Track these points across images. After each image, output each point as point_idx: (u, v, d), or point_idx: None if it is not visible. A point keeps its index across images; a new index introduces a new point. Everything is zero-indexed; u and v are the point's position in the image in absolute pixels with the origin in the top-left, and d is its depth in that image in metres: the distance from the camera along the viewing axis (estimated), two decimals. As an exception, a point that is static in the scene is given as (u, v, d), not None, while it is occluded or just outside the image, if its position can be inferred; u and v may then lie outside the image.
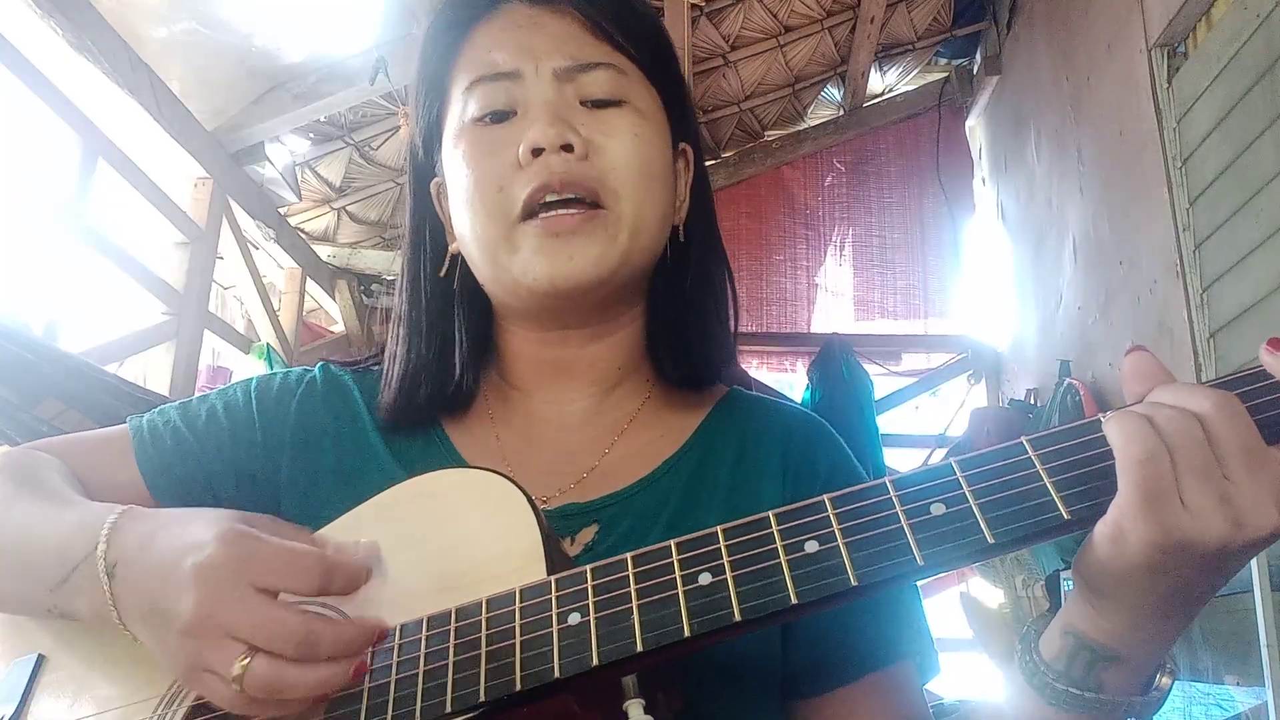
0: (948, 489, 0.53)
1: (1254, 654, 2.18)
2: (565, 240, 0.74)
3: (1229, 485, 0.50)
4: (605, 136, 0.76)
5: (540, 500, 0.75)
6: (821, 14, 4.80)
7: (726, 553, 0.55)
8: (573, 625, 0.55)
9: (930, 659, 0.76)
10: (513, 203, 0.74)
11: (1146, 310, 3.18)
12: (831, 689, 0.72)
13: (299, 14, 3.23)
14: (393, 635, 0.60)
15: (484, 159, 0.76)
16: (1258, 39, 2.57)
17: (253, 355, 3.72)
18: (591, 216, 0.74)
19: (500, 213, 0.75)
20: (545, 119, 0.75)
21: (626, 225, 0.76)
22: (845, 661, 0.72)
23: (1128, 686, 0.56)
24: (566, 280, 0.74)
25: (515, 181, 0.74)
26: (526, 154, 0.74)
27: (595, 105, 0.78)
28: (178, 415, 0.83)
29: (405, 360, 0.82)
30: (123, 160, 2.96)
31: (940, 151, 5.24)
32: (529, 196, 0.74)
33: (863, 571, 0.52)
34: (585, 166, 0.75)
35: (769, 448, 0.80)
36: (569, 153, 0.74)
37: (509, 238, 0.75)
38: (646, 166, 0.78)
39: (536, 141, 0.74)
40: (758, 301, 5.17)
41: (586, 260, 0.74)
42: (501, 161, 0.75)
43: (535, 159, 0.74)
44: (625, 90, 0.79)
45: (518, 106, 0.77)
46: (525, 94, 0.77)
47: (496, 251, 0.76)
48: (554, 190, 0.74)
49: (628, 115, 0.78)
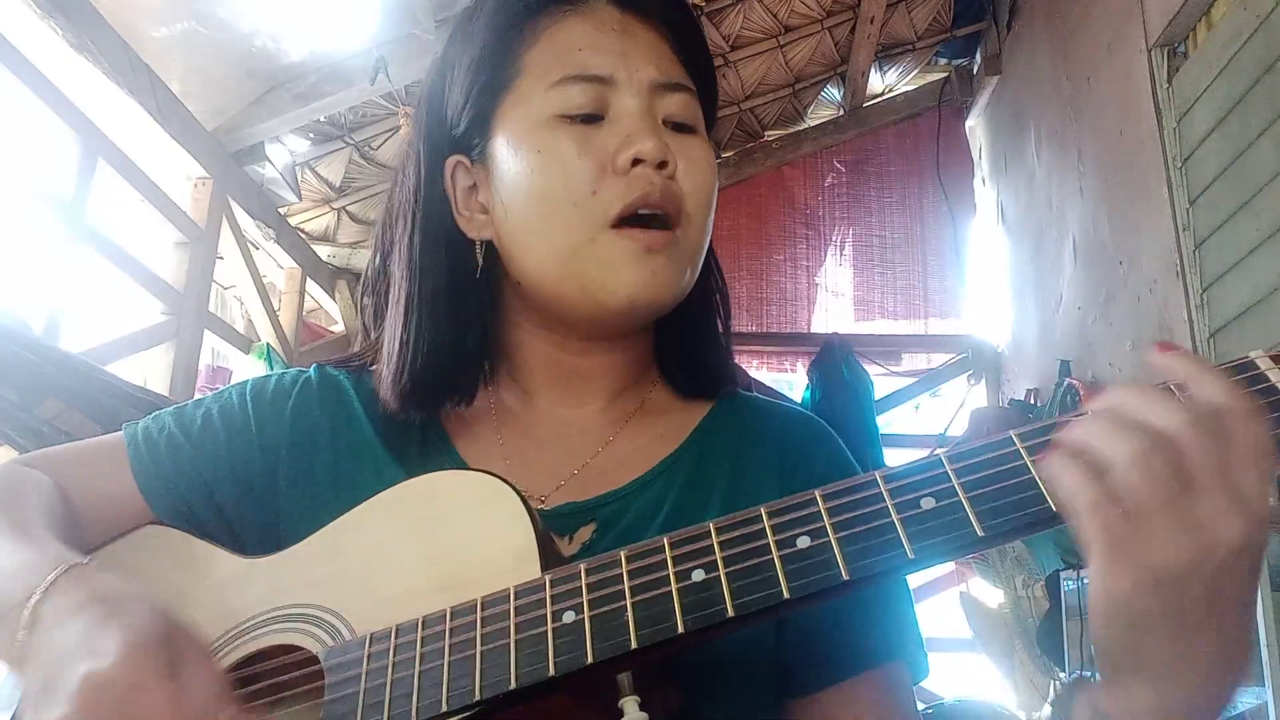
0: (937, 482, 0.53)
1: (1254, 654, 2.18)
2: (654, 257, 0.74)
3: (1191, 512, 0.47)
4: (688, 161, 0.77)
5: (538, 498, 0.76)
6: (821, 14, 4.80)
7: (719, 549, 0.55)
8: (567, 623, 0.55)
9: (920, 661, 0.76)
10: (606, 207, 0.73)
11: (1146, 310, 3.18)
12: (823, 686, 0.72)
13: (299, 14, 3.23)
14: (389, 635, 0.60)
15: (572, 158, 0.74)
16: (1258, 39, 2.57)
17: (253, 355, 3.73)
18: (673, 239, 0.75)
19: (589, 215, 0.73)
20: (648, 130, 0.74)
21: (691, 251, 0.77)
22: (837, 659, 0.72)
23: None
24: (648, 297, 0.74)
25: (611, 186, 0.73)
26: (626, 162, 0.73)
27: (675, 128, 0.78)
28: (173, 422, 0.82)
29: (410, 348, 0.78)
30: (123, 160, 2.96)
31: (940, 151, 5.24)
32: (628, 205, 0.73)
33: (854, 566, 0.52)
34: (674, 186, 0.75)
35: (767, 448, 0.80)
36: (663, 169, 0.74)
37: (594, 241, 0.73)
38: (713, 199, 0.79)
39: (643, 153, 0.73)
40: (758, 301, 5.17)
41: (666, 280, 0.75)
42: (592, 164, 0.74)
43: (633, 169, 0.73)
44: (697, 118, 0.80)
45: (606, 111, 0.76)
46: (618, 100, 0.76)
47: (574, 254, 0.74)
48: (652, 204, 0.73)
49: (701, 144, 0.79)
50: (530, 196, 0.75)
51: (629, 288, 0.73)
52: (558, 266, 0.75)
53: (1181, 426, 0.49)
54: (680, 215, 0.76)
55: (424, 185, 0.82)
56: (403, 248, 0.81)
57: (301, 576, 0.69)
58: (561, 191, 0.74)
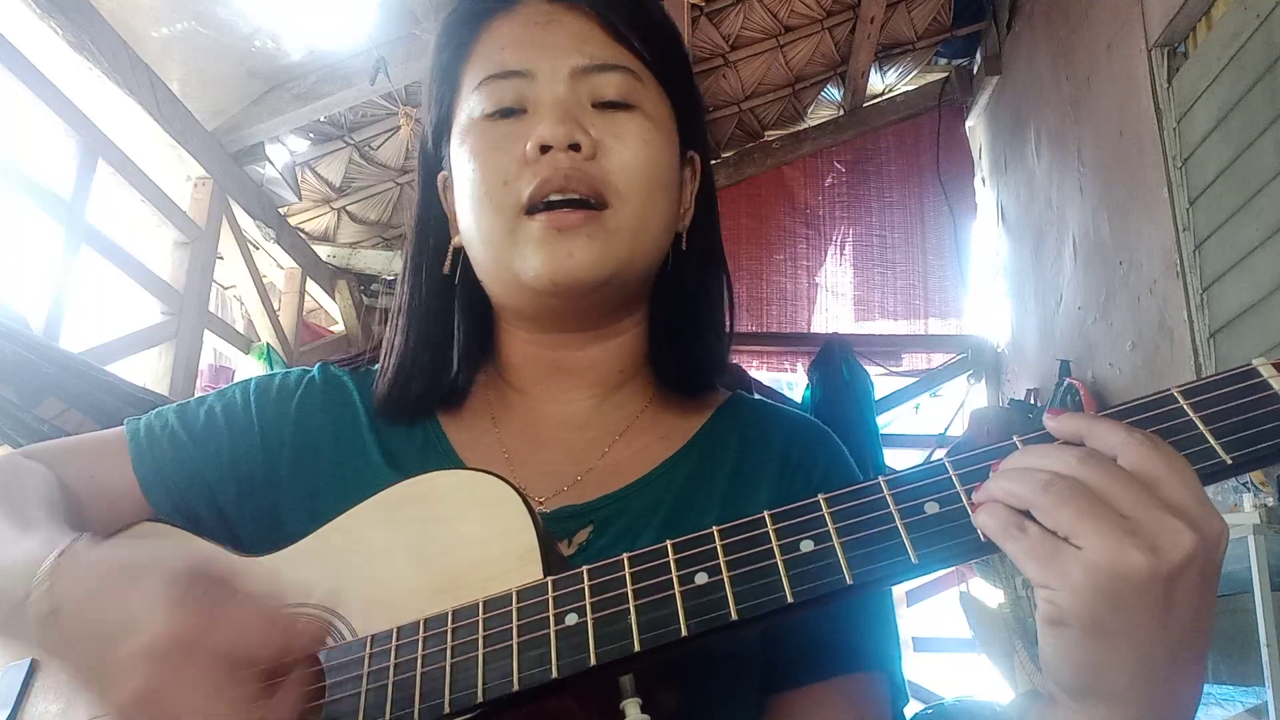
0: (941, 487, 0.53)
1: (1254, 654, 2.18)
2: (567, 237, 0.74)
3: (1126, 520, 0.48)
4: (614, 139, 0.77)
5: (537, 501, 0.75)
6: (821, 14, 4.80)
7: (723, 553, 0.55)
8: (570, 626, 0.55)
9: (900, 682, 0.76)
10: (517, 196, 0.74)
11: (1146, 310, 3.18)
12: (802, 684, 0.72)
13: (299, 14, 3.23)
14: (390, 637, 0.60)
15: (491, 153, 0.76)
16: (1258, 39, 2.57)
17: (253, 355, 3.72)
18: (594, 217, 0.74)
19: (505, 206, 0.75)
20: (554, 116, 0.75)
21: (628, 229, 0.76)
22: (817, 659, 0.72)
23: None
24: (566, 276, 0.74)
25: (521, 176, 0.75)
26: (534, 150, 0.74)
27: (606, 107, 0.78)
28: (175, 418, 0.82)
29: (402, 352, 0.83)
30: (122, 160, 2.96)
31: (940, 151, 5.24)
32: (534, 191, 0.74)
33: (858, 570, 0.52)
34: (591, 166, 0.75)
35: (768, 452, 0.80)
36: (576, 152, 0.74)
37: (512, 231, 0.75)
38: (653, 172, 0.78)
39: (545, 138, 0.74)
40: (758, 301, 5.17)
41: (586, 259, 0.74)
42: (509, 157, 0.75)
43: (543, 156, 0.74)
44: (638, 95, 0.79)
45: (528, 104, 0.77)
46: (537, 92, 0.77)
47: (499, 245, 0.76)
48: (559, 188, 0.74)
49: (638, 120, 0.78)
50: (463, 196, 0.78)
51: (547, 269, 0.74)
52: (489, 259, 0.78)
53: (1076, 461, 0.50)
54: (608, 193, 0.75)
55: (421, 204, 0.86)
56: (404, 260, 0.86)
57: (301, 576, 0.69)
58: (482, 186, 0.76)
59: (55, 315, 2.58)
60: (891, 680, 0.75)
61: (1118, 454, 0.50)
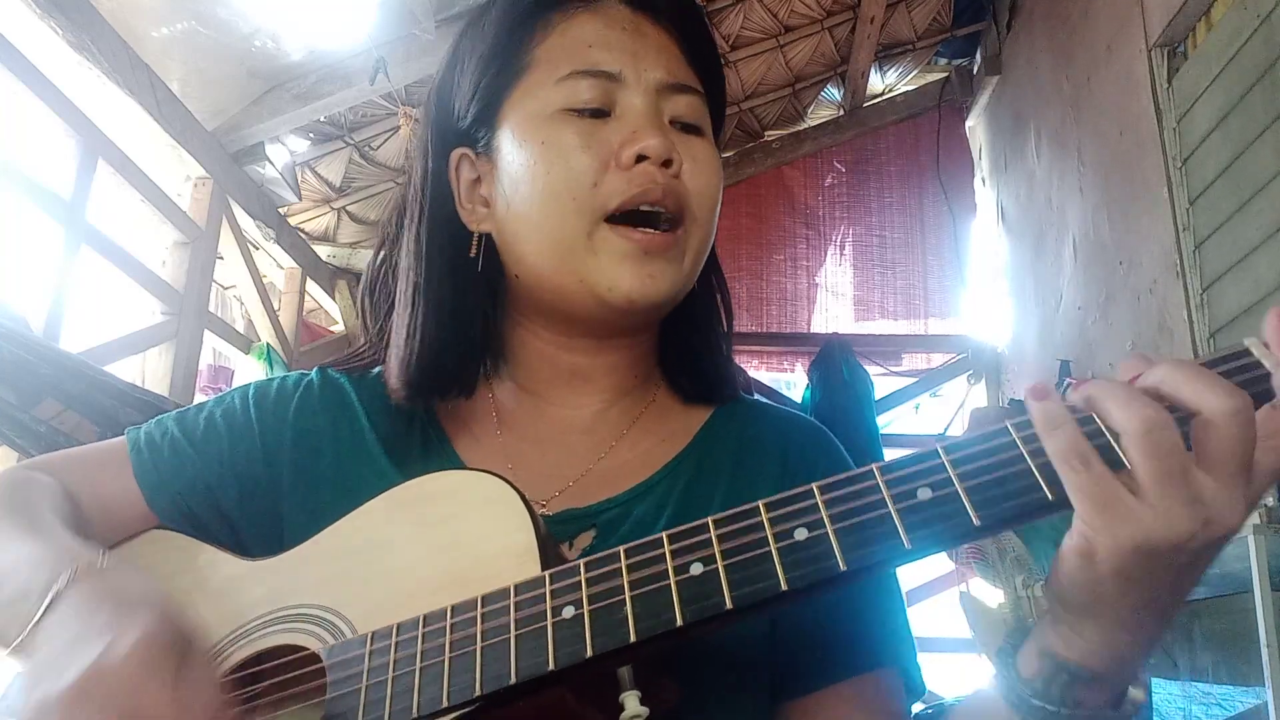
0: (934, 473, 0.54)
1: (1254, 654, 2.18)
2: (652, 259, 0.74)
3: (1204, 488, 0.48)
4: (693, 161, 0.77)
5: (539, 504, 0.75)
6: (821, 14, 4.80)
7: (717, 542, 0.55)
8: (567, 618, 0.55)
9: (915, 674, 0.76)
10: (605, 201, 0.73)
11: (1146, 310, 3.18)
12: (814, 690, 0.72)
13: (299, 14, 3.23)
14: (390, 633, 0.60)
15: (576, 151, 0.74)
16: (1258, 39, 2.57)
17: (253, 355, 3.72)
18: (674, 240, 0.75)
19: (588, 209, 0.74)
20: (655, 128, 0.75)
21: (693, 251, 0.78)
22: (827, 662, 0.72)
23: (1103, 702, 0.56)
24: (644, 298, 0.74)
25: (612, 181, 0.74)
26: (630, 157, 0.74)
27: (683, 128, 0.78)
28: (175, 426, 0.82)
29: (424, 331, 0.79)
30: (122, 160, 2.96)
31: (940, 151, 5.25)
32: (627, 200, 0.73)
33: (851, 556, 0.52)
34: (680, 185, 0.75)
35: (768, 454, 0.81)
36: (667, 168, 0.74)
37: (591, 235, 0.74)
38: (717, 200, 0.80)
39: (647, 149, 0.73)
40: (758, 301, 5.17)
41: (665, 282, 0.75)
42: (595, 158, 0.74)
43: (636, 165, 0.74)
44: (704, 120, 0.81)
45: (613, 108, 0.76)
46: (625, 98, 0.76)
47: (571, 248, 0.74)
48: (653, 201, 0.74)
49: (708, 145, 0.80)
50: (532, 188, 0.75)
51: (628, 288, 0.74)
52: (555, 259, 0.75)
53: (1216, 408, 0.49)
54: (684, 215, 0.76)
55: (430, 177, 0.82)
56: (410, 238, 0.82)
57: (304, 577, 0.70)
58: (562, 183, 0.74)
59: (55, 315, 2.58)
60: (905, 674, 0.75)
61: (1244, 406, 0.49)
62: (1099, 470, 0.49)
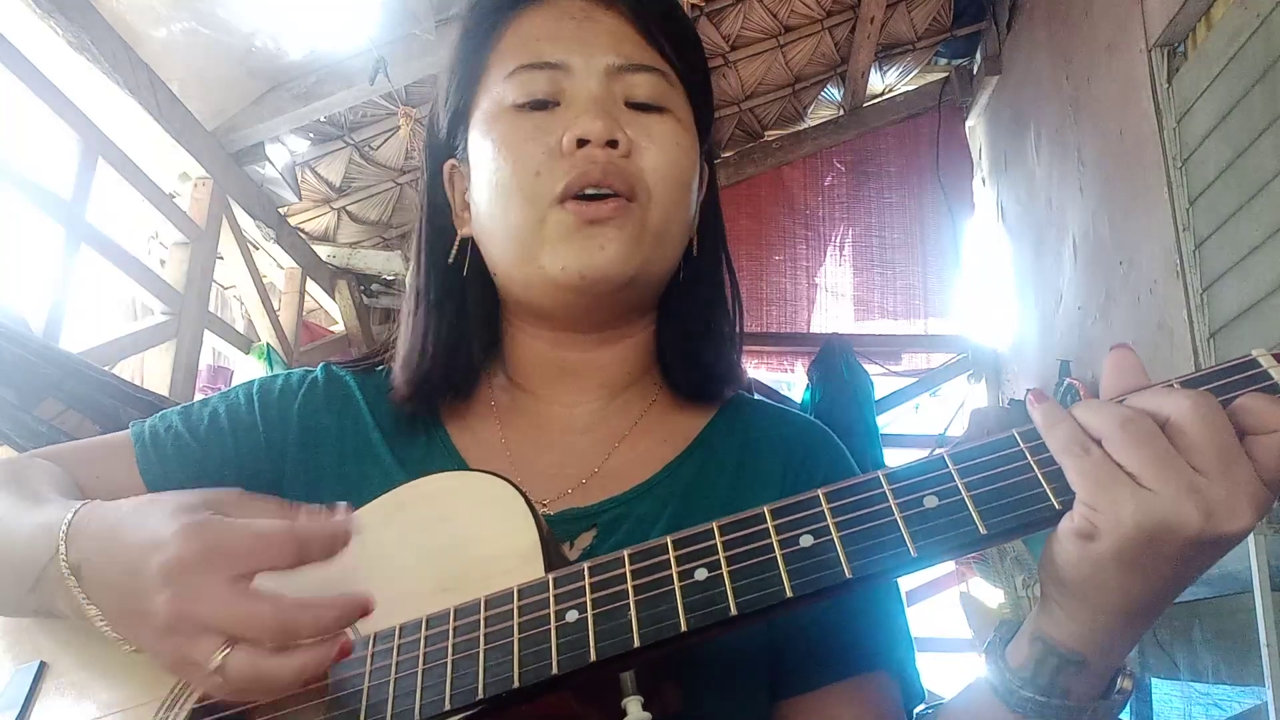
0: (940, 481, 0.54)
1: (1254, 654, 2.18)
2: (598, 229, 0.74)
3: (1198, 477, 0.49)
4: (648, 139, 0.77)
5: (541, 504, 0.76)
6: (821, 14, 4.80)
7: (722, 548, 0.55)
8: (571, 622, 0.55)
9: (914, 679, 0.76)
10: (550, 188, 0.74)
11: (1146, 310, 3.18)
12: (811, 688, 0.72)
13: (299, 14, 3.23)
14: (392, 635, 0.60)
15: (523, 144, 0.75)
16: (1258, 39, 2.57)
17: (253, 355, 3.72)
18: (624, 207, 0.74)
19: (535, 197, 0.74)
20: (594, 112, 0.75)
21: (655, 228, 0.77)
22: (826, 662, 0.72)
23: (1091, 691, 0.56)
24: (595, 270, 0.74)
25: (555, 168, 0.74)
26: (571, 143, 0.74)
27: (639, 108, 0.78)
28: (179, 420, 0.83)
29: (424, 338, 0.82)
30: (122, 160, 2.96)
31: (940, 151, 5.24)
32: (569, 184, 0.74)
33: (857, 564, 0.52)
34: (627, 164, 0.75)
35: (770, 454, 0.81)
36: (612, 148, 0.74)
37: (542, 222, 0.74)
38: (680, 175, 0.78)
39: (584, 132, 0.74)
40: (758, 301, 5.17)
41: (616, 253, 0.74)
42: (541, 148, 0.75)
43: (579, 150, 0.74)
44: (668, 98, 0.80)
45: (561, 97, 0.77)
46: (572, 86, 0.77)
47: (526, 237, 0.75)
48: (595, 182, 0.74)
49: (669, 122, 0.79)
50: (485, 186, 0.77)
51: (577, 262, 0.74)
52: (515, 252, 0.77)
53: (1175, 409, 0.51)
54: (638, 191, 0.75)
55: (428, 191, 0.85)
56: (413, 248, 0.85)
57: (305, 576, 0.69)
58: (512, 176, 0.75)
59: (55, 315, 2.58)
60: (903, 680, 0.75)
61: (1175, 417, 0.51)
62: (1099, 455, 0.50)
